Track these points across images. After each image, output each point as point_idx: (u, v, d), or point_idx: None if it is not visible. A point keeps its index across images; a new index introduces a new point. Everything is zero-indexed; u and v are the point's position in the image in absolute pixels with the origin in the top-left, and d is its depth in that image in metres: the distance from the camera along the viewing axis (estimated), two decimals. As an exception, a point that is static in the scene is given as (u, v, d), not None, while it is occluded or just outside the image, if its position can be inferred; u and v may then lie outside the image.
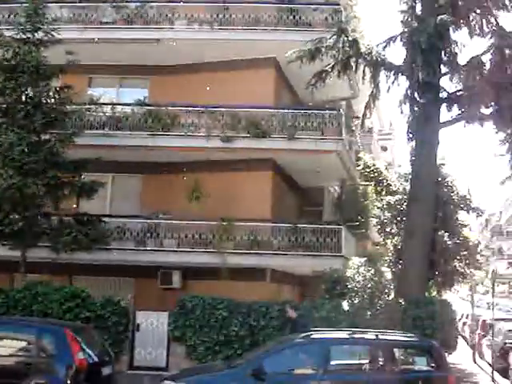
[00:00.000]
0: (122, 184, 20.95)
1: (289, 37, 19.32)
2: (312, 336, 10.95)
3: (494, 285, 21.19)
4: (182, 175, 19.50)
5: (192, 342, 15.93)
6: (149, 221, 19.04)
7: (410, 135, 18.94)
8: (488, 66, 17.41)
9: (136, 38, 19.89)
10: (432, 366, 10.58)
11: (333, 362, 10.42)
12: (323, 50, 17.18)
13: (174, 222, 18.83)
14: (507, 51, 16.47)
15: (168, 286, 18.92)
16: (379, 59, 17.15)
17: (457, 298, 74.26)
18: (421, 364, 10.95)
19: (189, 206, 18.55)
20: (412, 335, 11.47)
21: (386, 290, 17.32)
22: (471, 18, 18.00)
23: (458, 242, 21.20)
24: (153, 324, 16.73)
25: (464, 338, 32.41)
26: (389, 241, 21.51)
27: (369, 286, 16.38)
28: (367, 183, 22.07)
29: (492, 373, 19.07)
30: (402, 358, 11.04)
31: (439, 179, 20.76)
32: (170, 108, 19.43)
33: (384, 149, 35.82)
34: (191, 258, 18.40)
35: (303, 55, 17.26)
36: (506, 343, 20.06)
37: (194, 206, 18.47)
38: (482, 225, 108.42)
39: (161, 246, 18.76)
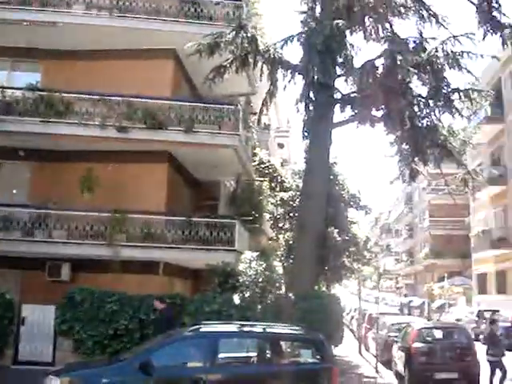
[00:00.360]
0: (11, 171, 20.03)
1: (189, 29, 19.15)
2: (201, 329, 10.97)
3: (379, 280, 22.16)
4: (75, 164, 18.94)
5: (80, 336, 15.49)
6: (37, 210, 18.33)
7: (306, 133, 19.39)
8: (381, 70, 18.09)
9: (31, 20, 19.05)
10: (317, 358, 10.90)
11: (221, 355, 10.48)
12: (222, 44, 17.22)
13: (64, 212, 18.21)
14: (399, 57, 17.11)
15: (56, 278, 18.29)
16: (277, 57, 17.39)
17: (347, 292, 76.93)
18: (306, 356, 11.23)
19: (81, 196, 18.07)
20: (298, 328, 11.71)
21: (277, 284, 17.59)
22: (368, 23, 18.61)
23: (346, 238, 21.90)
24: (39, 317, 16.20)
25: (352, 331, 33.66)
26: (281, 236, 21.90)
27: (260, 280, 16.57)
28: (262, 179, 22.34)
29: (376, 364, 19.90)
30: (288, 350, 11.30)
31: (331, 177, 21.43)
32: (64, 94, 18.74)
33: (280, 146, 36.35)
34: (82, 250, 17.90)
35: (202, 49, 17.22)
36: (389, 336, 21.02)
37: (87, 197, 18.02)
38: (372, 222, 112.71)
39: (50, 237, 18.06)
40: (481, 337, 31.05)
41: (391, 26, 18.93)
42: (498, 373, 15.53)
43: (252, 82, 21.96)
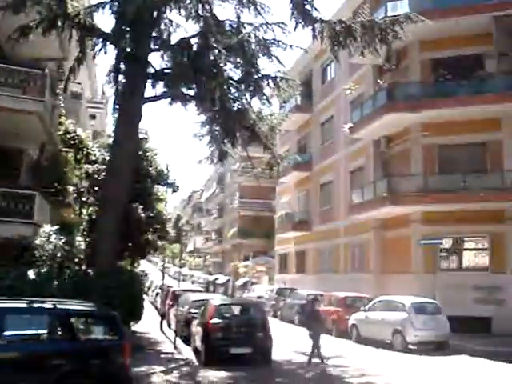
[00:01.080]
0: None
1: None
2: (-16, 306, 10.28)
3: (181, 257, 22.36)
4: None
5: None
6: None
7: (117, 106, 18.91)
8: (195, 49, 18.09)
9: None
10: (110, 335, 10.79)
11: (8, 333, 9.94)
12: (29, 3, 16.07)
13: None
14: (212, 38, 17.24)
15: None
16: (87, 23, 16.64)
17: (156, 269, 76.98)
18: (98, 333, 11.08)
19: None
20: (91, 305, 11.46)
21: (77, 260, 17.09)
22: (188, 1, 18.34)
23: (151, 215, 21.76)
24: None
25: (156, 308, 33.76)
26: (85, 210, 21.23)
27: (59, 254, 15.95)
28: (68, 150, 21.39)
29: (174, 340, 20.08)
30: (80, 327, 11.01)
31: (140, 153, 21.13)
32: None
33: (93, 117, 35.22)
34: None
35: (6, 6, 15.95)
36: (190, 313, 21.31)
37: None
38: (184, 201, 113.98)
39: None
40: (279, 313, 32.93)
41: (211, 7, 18.89)
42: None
43: (64, 47, 20.84)
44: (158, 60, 18.93)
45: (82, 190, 20.75)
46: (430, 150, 26.82)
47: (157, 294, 36.18)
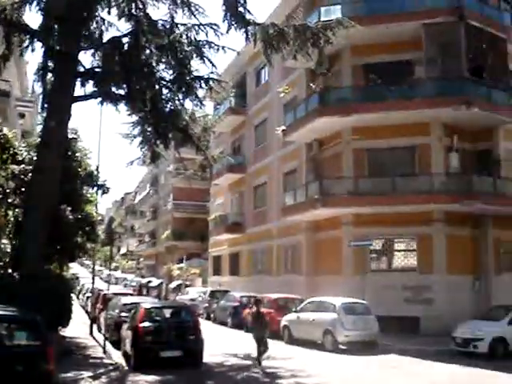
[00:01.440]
0: None
1: None
2: None
3: (112, 259, 21.94)
4: None
5: None
6: None
7: (46, 104, 18.44)
8: (126, 48, 17.82)
9: None
10: (33, 340, 10.46)
11: None
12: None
13: None
14: (143, 38, 17.04)
15: None
16: (14, 19, 16.13)
17: (88, 272, 75.43)
18: (21, 338, 10.70)
19: None
20: (13, 309, 11.07)
21: (2, 263, 16.52)
22: (121, 0, 18.03)
23: (80, 217, 21.29)
24: None
25: (87, 312, 33.10)
26: (10, 212, 20.54)
27: (-19, 258, 15.40)
28: (-7, 150, 20.63)
29: (104, 344, 19.70)
30: (2, 332, 10.61)
31: (69, 153, 20.62)
32: None
33: (22, 115, 34.12)
34: None
35: None
36: (120, 316, 20.99)
37: None
38: (118, 203, 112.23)
39: None
40: (212, 315, 32.84)
41: (144, 6, 18.66)
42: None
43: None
44: (89, 59, 18.52)
45: (8, 191, 20.01)
46: (360, 153, 27.28)
47: (87, 297, 35.48)
